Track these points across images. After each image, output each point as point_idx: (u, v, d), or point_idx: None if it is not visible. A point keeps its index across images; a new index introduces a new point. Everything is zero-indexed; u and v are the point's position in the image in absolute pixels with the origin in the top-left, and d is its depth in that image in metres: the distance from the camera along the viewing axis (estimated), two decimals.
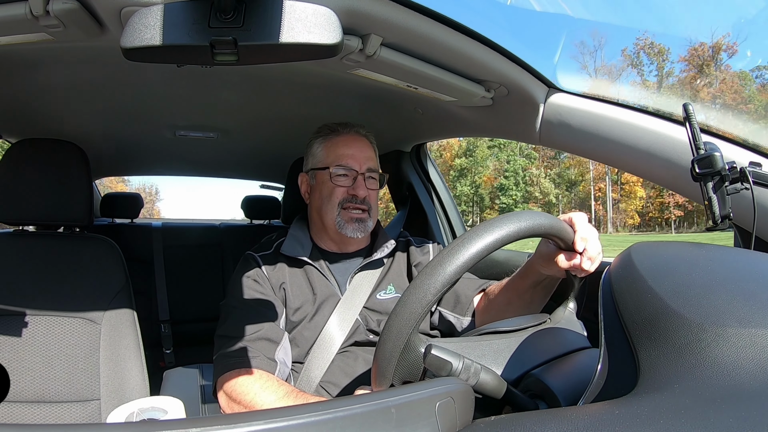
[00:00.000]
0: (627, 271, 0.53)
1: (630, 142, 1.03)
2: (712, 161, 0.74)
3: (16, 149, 1.23)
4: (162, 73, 1.25)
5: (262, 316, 1.03)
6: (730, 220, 0.74)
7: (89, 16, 0.78)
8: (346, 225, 1.11)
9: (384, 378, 0.56)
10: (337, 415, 0.39)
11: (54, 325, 1.16)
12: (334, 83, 1.30)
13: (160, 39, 0.54)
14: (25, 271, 1.20)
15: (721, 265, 0.54)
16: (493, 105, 1.23)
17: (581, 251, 0.74)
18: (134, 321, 1.24)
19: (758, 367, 0.38)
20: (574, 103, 1.11)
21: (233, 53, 0.56)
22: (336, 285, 1.14)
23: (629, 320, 0.47)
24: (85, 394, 1.14)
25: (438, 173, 2.02)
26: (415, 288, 0.55)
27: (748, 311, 0.43)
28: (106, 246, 1.30)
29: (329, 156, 1.14)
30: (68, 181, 1.24)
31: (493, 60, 1.02)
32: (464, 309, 1.10)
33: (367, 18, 0.83)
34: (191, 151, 2.20)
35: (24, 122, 1.61)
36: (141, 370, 1.21)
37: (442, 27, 0.91)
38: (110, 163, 2.44)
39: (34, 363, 1.12)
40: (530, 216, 0.62)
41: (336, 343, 1.07)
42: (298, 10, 0.55)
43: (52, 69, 1.17)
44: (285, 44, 0.54)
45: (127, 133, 1.86)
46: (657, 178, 1.07)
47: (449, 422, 0.43)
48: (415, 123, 1.63)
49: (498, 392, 0.55)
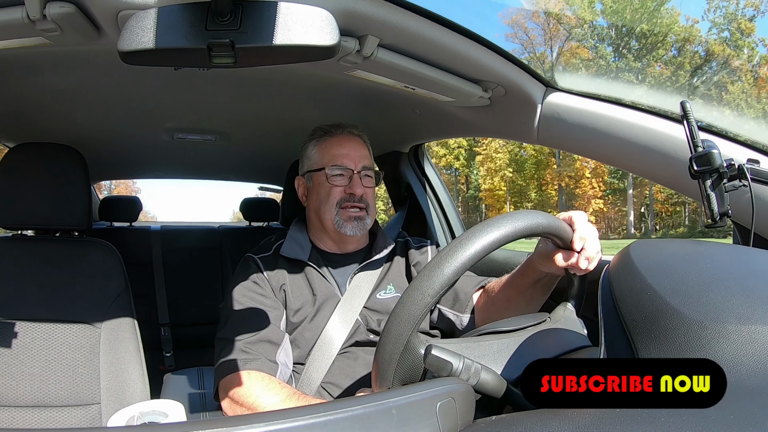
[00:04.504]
0: (626, 269, 0.53)
1: (628, 140, 1.03)
2: (710, 158, 0.74)
3: (14, 153, 1.23)
4: (159, 76, 1.25)
5: (263, 318, 1.03)
6: (728, 217, 0.74)
7: (86, 20, 0.78)
8: (345, 224, 1.11)
9: (384, 379, 0.56)
10: (338, 417, 0.39)
11: (54, 330, 1.16)
12: (331, 85, 1.30)
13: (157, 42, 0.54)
14: (24, 276, 1.19)
15: (720, 263, 0.54)
16: (490, 105, 1.23)
17: (579, 250, 0.75)
18: (134, 324, 1.24)
19: (758, 364, 0.38)
20: (571, 102, 1.11)
21: (230, 55, 0.56)
22: (336, 286, 1.14)
23: (629, 318, 0.47)
24: (86, 398, 1.14)
25: (436, 173, 2.02)
26: (414, 288, 0.55)
27: (748, 308, 0.43)
28: (105, 249, 1.30)
29: (324, 157, 1.15)
30: (66, 184, 1.23)
31: (490, 60, 1.02)
32: (463, 306, 1.10)
33: (363, 19, 0.83)
34: (189, 154, 2.19)
35: (22, 126, 1.60)
36: (141, 374, 1.20)
37: (439, 27, 0.92)
38: (108, 167, 2.44)
39: (34, 367, 1.12)
40: (529, 215, 0.62)
41: (336, 344, 1.07)
42: (295, 12, 0.55)
43: (50, 73, 1.16)
44: (282, 46, 0.54)
45: (125, 136, 1.86)
46: (655, 176, 1.07)
47: (450, 422, 0.43)
48: (412, 124, 1.63)
49: (498, 392, 0.55)
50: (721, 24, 23.37)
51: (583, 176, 26.92)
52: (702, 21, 23.95)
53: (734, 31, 22.67)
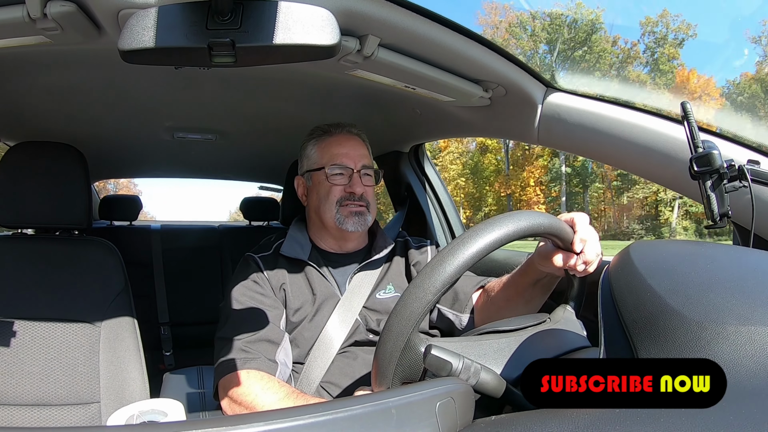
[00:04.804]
0: (626, 269, 0.53)
1: (629, 141, 1.03)
2: (711, 159, 0.74)
3: (14, 152, 1.23)
4: (160, 76, 1.25)
5: (262, 317, 1.03)
6: (728, 218, 0.74)
7: (87, 19, 0.78)
8: (346, 220, 1.11)
9: (384, 378, 0.56)
10: (337, 416, 0.39)
11: (53, 329, 1.16)
12: (331, 84, 1.30)
13: (157, 41, 0.54)
14: (24, 275, 1.19)
15: (720, 263, 0.54)
16: (491, 105, 1.23)
17: (579, 252, 0.75)
18: (134, 324, 1.24)
19: (758, 365, 0.38)
20: (572, 103, 1.11)
21: (231, 55, 0.56)
22: (336, 285, 1.14)
23: (629, 319, 0.47)
24: (85, 397, 1.14)
25: (436, 173, 2.02)
26: (414, 287, 0.55)
27: (748, 309, 0.43)
28: (105, 248, 1.30)
29: (323, 156, 1.15)
30: (67, 183, 1.23)
31: (490, 60, 1.02)
32: (463, 306, 1.10)
33: (364, 19, 0.83)
34: (190, 153, 2.19)
35: (22, 125, 1.60)
36: (141, 373, 1.20)
37: (440, 27, 0.92)
38: (109, 166, 2.44)
39: (33, 366, 1.12)
40: (530, 215, 0.62)
41: (336, 343, 1.07)
42: (296, 12, 0.55)
43: (50, 72, 1.16)
44: (282, 45, 0.54)
45: (126, 135, 1.86)
46: (655, 177, 1.07)
47: (449, 422, 0.43)
48: (413, 123, 1.63)
49: (498, 392, 0.55)
50: (653, 47, 26.76)
51: (528, 185, 29.25)
52: (639, 43, 27.27)
53: (661, 55, 25.98)
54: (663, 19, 26.44)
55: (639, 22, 27.22)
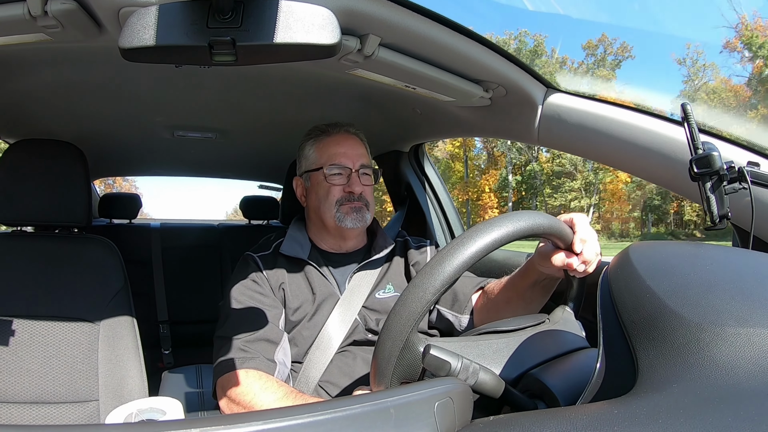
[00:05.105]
0: (625, 270, 0.53)
1: (628, 142, 1.03)
2: (711, 161, 0.74)
3: (14, 150, 1.23)
4: (160, 74, 1.25)
5: (262, 316, 1.03)
6: (728, 219, 0.74)
7: (87, 17, 0.78)
8: (346, 217, 1.11)
9: (383, 378, 0.56)
10: (335, 416, 0.39)
11: (52, 326, 1.16)
12: (332, 83, 1.30)
13: (158, 39, 0.54)
14: (24, 272, 1.19)
15: (720, 265, 0.54)
16: (491, 105, 1.23)
17: (579, 252, 0.75)
18: (133, 322, 1.24)
19: (756, 367, 0.38)
20: (572, 103, 1.11)
21: (231, 53, 0.56)
22: (335, 285, 1.14)
23: (628, 320, 0.47)
24: (84, 395, 1.14)
25: (436, 173, 2.02)
26: (414, 287, 0.55)
27: (747, 311, 0.43)
28: (105, 246, 1.30)
29: (322, 156, 1.15)
30: (66, 181, 1.23)
31: (491, 60, 1.02)
32: (462, 307, 1.10)
33: (365, 18, 0.83)
34: (190, 152, 2.19)
35: (22, 123, 1.60)
36: (140, 371, 1.20)
37: (441, 27, 0.92)
38: (109, 164, 2.44)
39: (32, 364, 1.12)
40: (530, 216, 0.62)
41: (335, 343, 1.07)
42: (297, 11, 0.55)
43: (51, 69, 1.16)
44: (283, 44, 0.54)
45: (126, 133, 1.86)
46: (655, 178, 1.07)
47: (448, 422, 0.43)
48: (413, 123, 1.63)
49: (497, 392, 0.55)
50: (593, 68, 29.33)
51: (484, 191, 32.86)
52: (584, 64, 29.93)
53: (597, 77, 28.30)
54: (602, 42, 29.18)
55: (581, 45, 29.95)
